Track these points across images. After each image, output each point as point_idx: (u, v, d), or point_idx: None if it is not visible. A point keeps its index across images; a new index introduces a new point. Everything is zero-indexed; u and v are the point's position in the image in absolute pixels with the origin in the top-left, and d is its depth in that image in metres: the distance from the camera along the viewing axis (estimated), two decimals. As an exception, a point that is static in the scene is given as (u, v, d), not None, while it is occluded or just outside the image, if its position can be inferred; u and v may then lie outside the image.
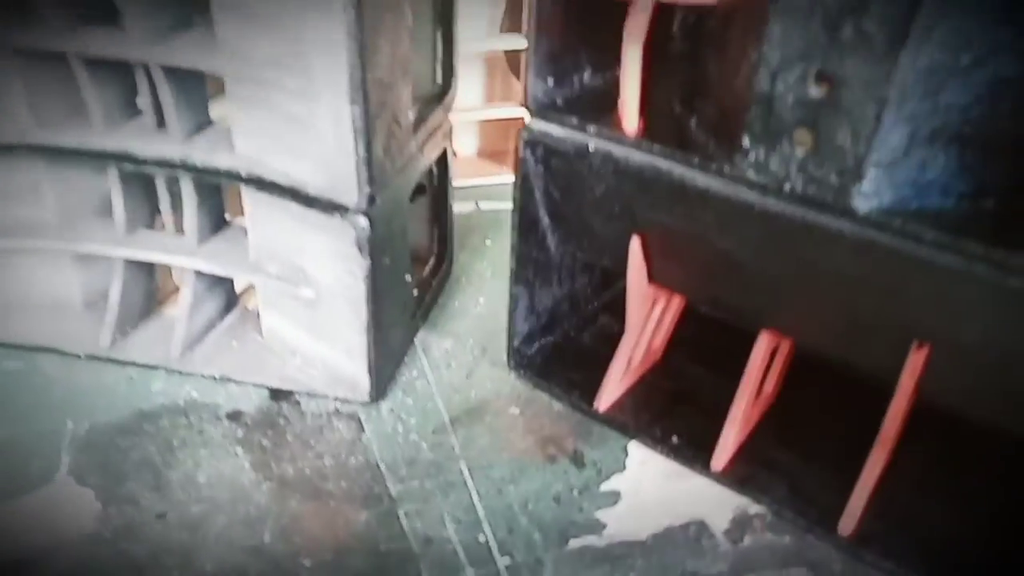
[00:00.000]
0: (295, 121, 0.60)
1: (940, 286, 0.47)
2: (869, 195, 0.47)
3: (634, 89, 0.58)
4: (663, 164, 0.56)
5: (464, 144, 1.18)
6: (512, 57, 1.11)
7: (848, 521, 0.57)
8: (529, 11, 0.59)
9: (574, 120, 0.60)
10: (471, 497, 0.61)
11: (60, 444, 0.65)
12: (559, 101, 0.62)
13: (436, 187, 0.84)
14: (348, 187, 0.60)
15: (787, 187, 0.50)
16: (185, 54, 0.62)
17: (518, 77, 1.11)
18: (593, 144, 0.59)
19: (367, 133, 0.57)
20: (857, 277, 0.51)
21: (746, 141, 0.51)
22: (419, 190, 0.77)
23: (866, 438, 0.56)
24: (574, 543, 0.58)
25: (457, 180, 0.88)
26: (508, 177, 1.14)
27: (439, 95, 0.78)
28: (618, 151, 0.58)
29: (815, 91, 0.47)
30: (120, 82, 0.70)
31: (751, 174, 0.51)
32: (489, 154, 1.19)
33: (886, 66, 0.43)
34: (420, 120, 0.71)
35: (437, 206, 0.86)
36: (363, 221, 0.61)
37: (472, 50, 1.05)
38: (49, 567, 0.55)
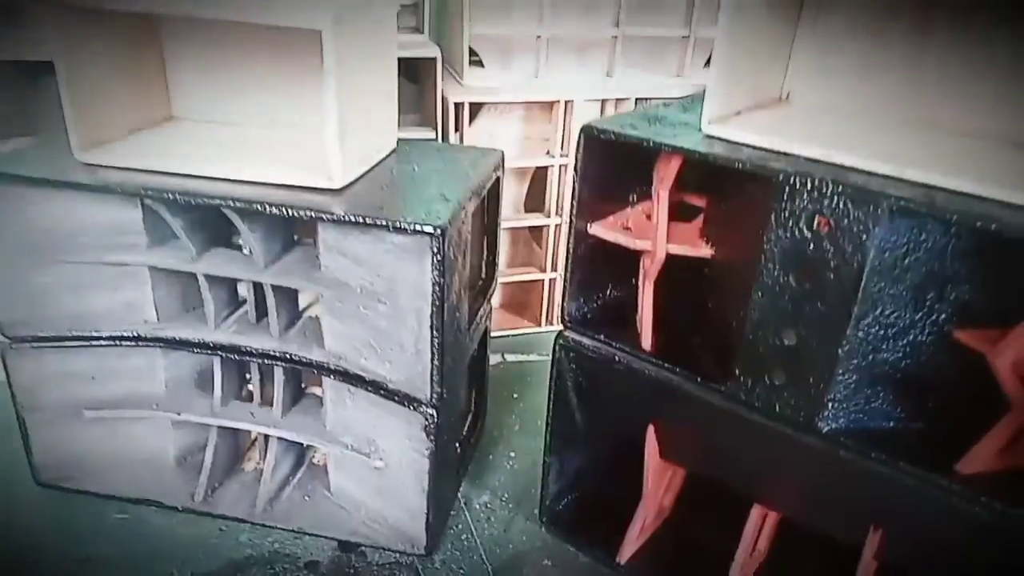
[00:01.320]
0: (381, 333, 0.76)
1: (884, 489, 0.62)
2: (829, 420, 0.63)
3: (649, 315, 0.74)
4: (672, 377, 0.72)
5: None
6: (534, 229, 1.29)
7: (826, 669, 0.70)
8: (567, 251, 0.75)
9: (601, 336, 0.76)
10: (516, 644, 0.74)
11: (171, 593, 0.77)
12: (588, 316, 0.78)
13: (476, 357, 0.99)
14: (422, 386, 0.75)
15: (768, 408, 0.65)
16: (295, 278, 0.78)
17: (539, 245, 1.29)
18: (616, 356, 0.75)
19: (441, 347, 0.73)
20: (823, 475, 0.66)
21: (737, 371, 0.66)
22: (465, 367, 0.92)
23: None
24: None
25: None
26: (530, 328, 1.31)
27: (484, 288, 0.94)
28: (636, 363, 0.74)
29: (787, 342, 0.63)
30: (229, 283, 0.86)
31: (741, 395, 0.67)
32: (512, 306, 1.35)
33: (837, 334, 0.60)
34: (472, 316, 0.87)
35: (476, 371, 1.01)
36: (431, 411, 0.76)
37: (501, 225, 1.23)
38: None
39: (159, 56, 0.86)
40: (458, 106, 1.10)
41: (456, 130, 1.12)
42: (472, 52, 1.14)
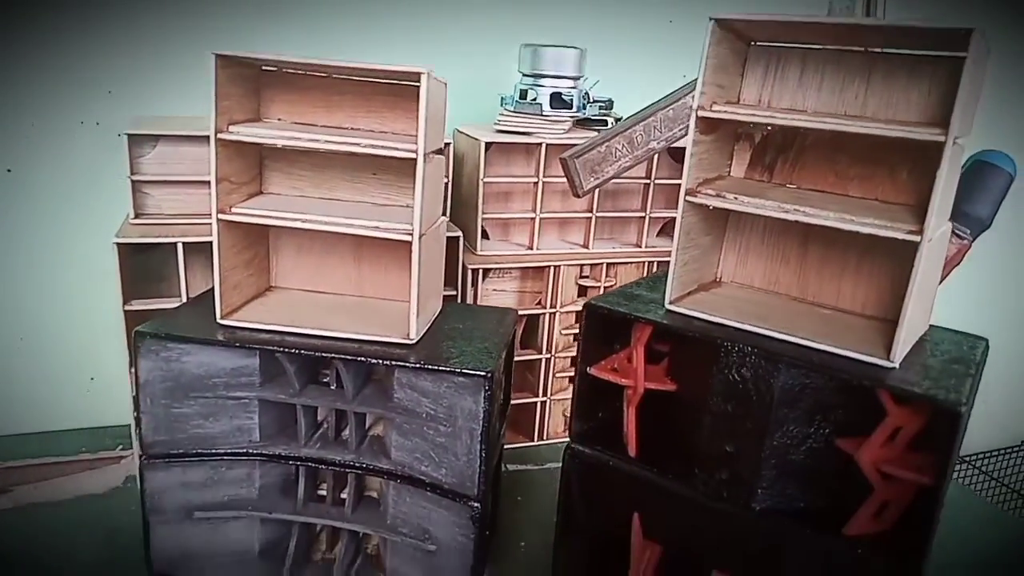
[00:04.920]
0: (439, 446, 1.05)
1: (800, 549, 0.92)
2: (759, 502, 0.93)
3: (633, 431, 1.05)
4: (651, 476, 1.02)
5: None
6: (529, 362, 1.60)
7: None
8: (574, 388, 1.06)
9: (598, 447, 1.06)
10: None
11: (276, 653, 1.01)
12: (589, 433, 1.08)
13: (496, 464, 1.27)
14: (471, 485, 1.04)
15: (718, 496, 0.96)
16: (375, 408, 1.07)
17: (532, 375, 1.60)
18: (610, 461, 1.05)
19: (486, 456, 1.02)
20: (758, 542, 0.96)
21: (696, 470, 0.97)
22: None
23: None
24: None
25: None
26: (526, 443, 1.59)
27: (504, 410, 1.24)
28: (624, 466, 1.04)
29: (728, 450, 0.94)
30: (313, 410, 1.14)
31: (700, 487, 0.97)
32: (510, 424, 1.63)
33: (759, 444, 0.91)
34: (499, 431, 1.16)
35: (496, 476, 1.28)
36: (476, 504, 1.04)
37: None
38: None
39: (267, 246, 1.18)
40: (474, 271, 1.43)
41: (472, 286, 1.44)
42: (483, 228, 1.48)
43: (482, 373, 0.99)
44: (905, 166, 0.94)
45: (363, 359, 1.01)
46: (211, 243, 1.05)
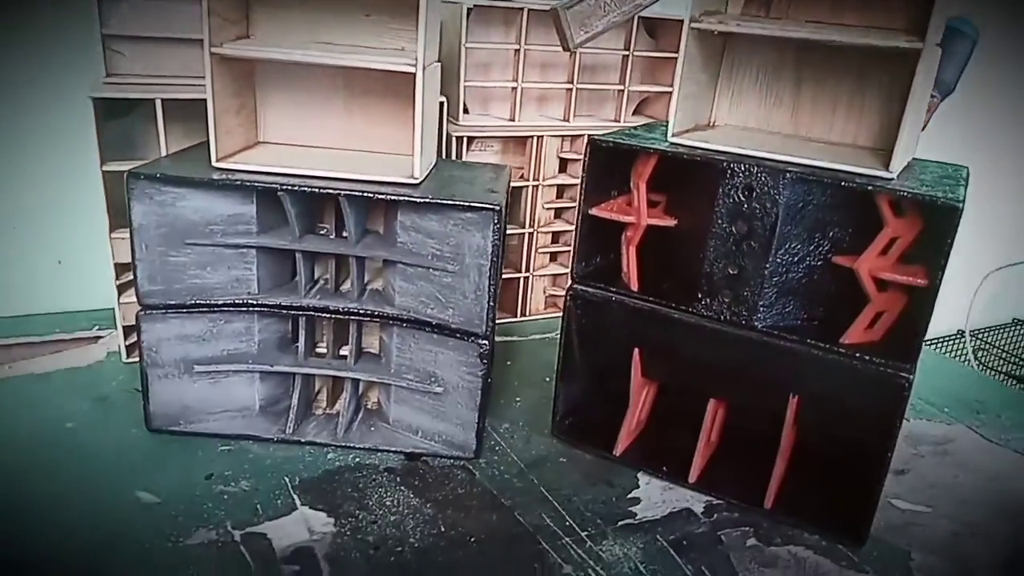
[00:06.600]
0: (446, 287, 1.05)
1: (798, 362, 0.97)
2: (761, 319, 0.98)
3: (634, 267, 1.07)
4: (653, 306, 1.05)
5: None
6: (510, 237, 1.61)
7: (768, 499, 1.03)
8: (575, 230, 1.08)
9: (600, 284, 1.08)
10: (554, 504, 1.03)
11: (289, 490, 1.01)
12: (589, 273, 1.11)
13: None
14: (478, 323, 1.05)
15: (721, 317, 1.00)
16: (378, 252, 1.07)
17: (512, 251, 1.61)
18: (612, 297, 1.08)
19: (495, 292, 1.03)
20: (759, 360, 1.01)
21: (699, 295, 1.01)
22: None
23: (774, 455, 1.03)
24: (620, 523, 1.00)
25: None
26: (509, 319, 1.61)
27: (501, 266, 1.25)
28: (626, 300, 1.07)
29: (732, 271, 0.98)
30: (311, 263, 1.13)
31: (702, 311, 1.01)
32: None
33: (763, 262, 0.95)
34: (499, 279, 1.17)
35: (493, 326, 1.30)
36: (485, 341, 1.06)
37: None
38: (312, 552, 0.91)
39: (253, 98, 1.14)
40: (459, 139, 1.42)
41: (457, 157, 1.44)
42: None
43: (491, 206, 0.99)
44: (900, -9, 0.97)
45: (369, 194, 1.01)
46: (190, 102, 1.02)
